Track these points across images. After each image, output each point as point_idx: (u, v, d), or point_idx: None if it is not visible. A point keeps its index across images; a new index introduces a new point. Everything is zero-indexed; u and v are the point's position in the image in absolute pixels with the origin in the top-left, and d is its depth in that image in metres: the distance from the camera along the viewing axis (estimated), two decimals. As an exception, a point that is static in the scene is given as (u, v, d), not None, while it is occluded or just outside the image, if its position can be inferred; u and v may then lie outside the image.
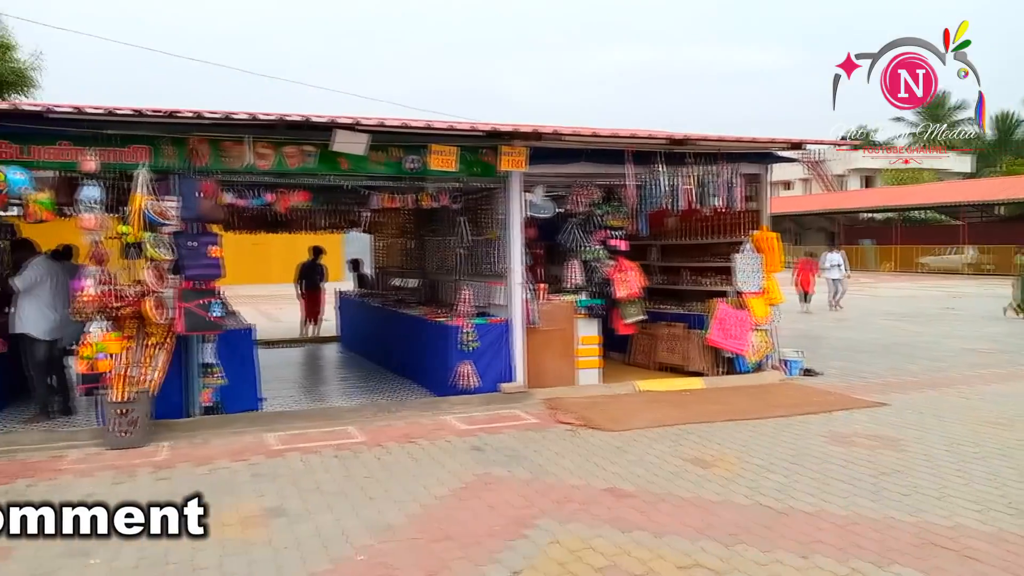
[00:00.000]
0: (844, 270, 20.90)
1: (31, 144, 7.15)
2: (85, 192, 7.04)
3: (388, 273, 14.50)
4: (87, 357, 6.95)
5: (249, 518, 5.21)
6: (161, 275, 7.27)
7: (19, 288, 7.86)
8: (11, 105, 6.90)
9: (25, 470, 6.38)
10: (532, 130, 8.65)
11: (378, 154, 8.36)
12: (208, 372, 7.88)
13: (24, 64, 16.99)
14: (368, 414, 8.26)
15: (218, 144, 7.73)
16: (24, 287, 7.86)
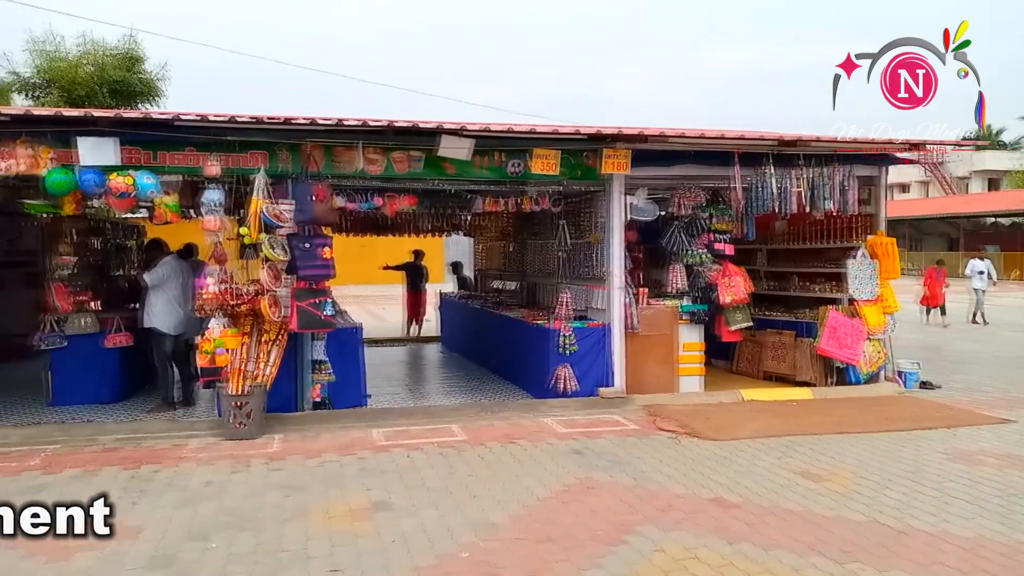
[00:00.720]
0: (989, 279, 18.72)
1: (159, 150, 7.60)
2: (208, 196, 7.44)
3: (488, 275, 14.68)
4: (207, 351, 7.34)
5: (357, 511, 5.37)
6: (276, 275, 7.59)
7: (149, 284, 8.39)
8: (142, 114, 7.38)
9: (151, 456, 6.79)
10: (637, 132, 8.56)
11: (482, 159, 8.46)
12: (318, 368, 8.18)
13: (152, 75, 18.16)
14: (470, 413, 8.37)
15: (331, 149, 8.02)
16: (153, 284, 8.39)
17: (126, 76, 17.35)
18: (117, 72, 17.18)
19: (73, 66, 16.91)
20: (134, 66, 17.82)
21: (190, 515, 5.29)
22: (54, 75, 16.84)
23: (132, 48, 17.96)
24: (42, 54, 17.01)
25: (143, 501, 5.58)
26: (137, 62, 17.99)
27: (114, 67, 17.24)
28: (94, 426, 7.74)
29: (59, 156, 7.16)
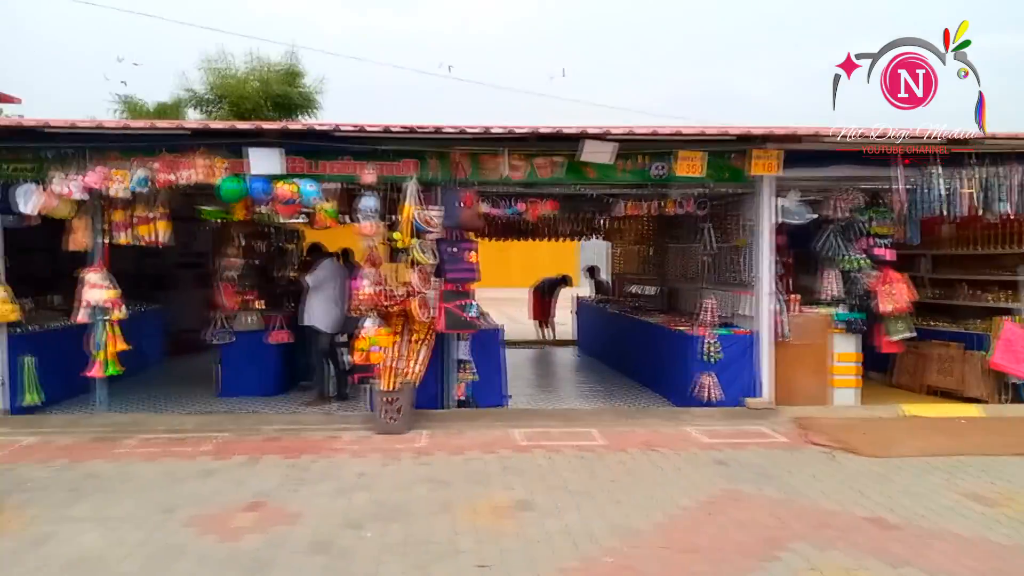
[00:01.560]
0: None
1: (320, 160, 8.07)
2: (364, 202, 7.83)
3: (626, 279, 14.55)
4: (362, 349, 7.72)
5: (500, 508, 5.48)
6: (425, 278, 7.88)
7: (310, 285, 8.93)
8: (305, 126, 7.86)
9: (308, 447, 7.21)
10: (789, 132, 8.23)
11: (624, 162, 8.42)
12: (462, 368, 8.41)
13: (310, 89, 19.32)
14: (608, 418, 8.34)
15: (477, 157, 8.23)
16: (314, 285, 8.93)
17: (287, 90, 18.57)
18: (280, 87, 18.42)
19: (241, 82, 18.29)
20: (295, 81, 19.02)
21: (345, 504, 5.57)
22: (224, 91, 18.28)
23: (293, 64, 19.21)
24: (214, 72, 18.51)
25: (302, 489, 5.94)
26: (297, 77, 19.18)
27: (277, 82, 18.49)
28: (258, 416, 8.32)
29: (232, 166, 7.77)
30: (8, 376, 8.22)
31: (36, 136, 7.78)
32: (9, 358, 8.22)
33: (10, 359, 8.23)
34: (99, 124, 7.64)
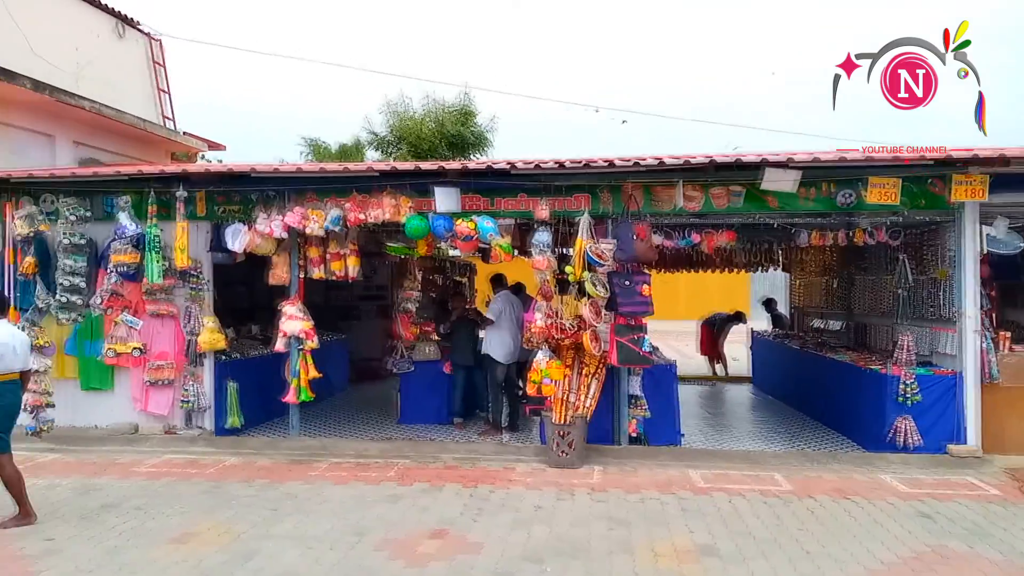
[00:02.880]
0: None
1: (496, 196, 8.32)
2: (538, 237, 7.96)
3: (807, 313, 13.79)
4: (535, 381, 7.80)
5: (682, 552, 5.29)
6: (598, 311, 7.86)
7: (491, 317, 9.15)
8: (485, 166, 8.11)
9: (484, 476, 7.34)
10: (994, 154, 7.53)
11: (807, 190, 8.03)
12: (634, 403, 8.28)
13: (482, 128, 20.11)
14: (793, 462, 7.87)
15: (650, 188, 8.16)
16: (493, 317, 9.16)
17: (461, 130, 19.44)
18: (454, 126, 19.33)
19: (418, 123, 19.36)
20: (468, 120, 19.88)
21: (524, 536, 5.60)
22: (403, 132, 19.42)
23: (466, 104, 20.10)
24: (394, 115, 19.75)
25: (482, 519, 6.04)
26: (470, 116, 20.03)
27: (451, 122, 19.41)
28: (437, 445, 8.60)
29: (416, 204, 8.17)
30: (215, 400, 9.02)
31: (243, 180, 8.58)
32: (216, 383, 9.02)
33: (217, 384, 9.03)
34: (298, 168, 8.31)
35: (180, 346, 8.89)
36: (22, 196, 8.84)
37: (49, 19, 11.38)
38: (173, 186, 8.49)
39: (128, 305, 8.78)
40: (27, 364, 6.20)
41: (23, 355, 6.10)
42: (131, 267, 8.51)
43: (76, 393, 9.08)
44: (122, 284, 8.61)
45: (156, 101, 13.76)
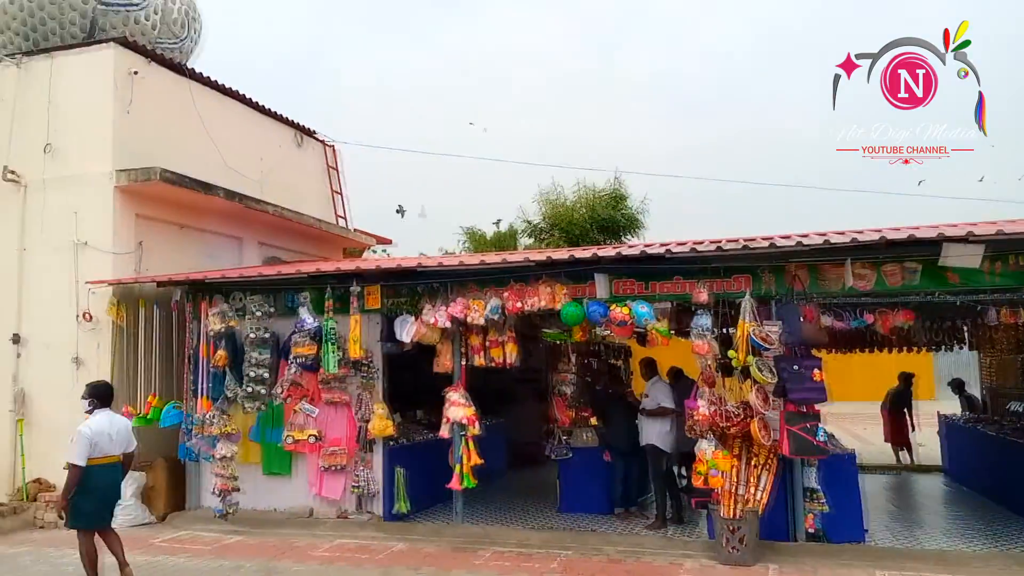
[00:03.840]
0: None
1: (651, 280, 8.27)
2: (697, 321, 7.80)
3: (1002, 395, 12.49)
4: (701, 472, 7.51)
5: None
6: (765, 397, 7.52)
7: (653, 406, 8.96)
8: (639, 251, 8.12)
9: (651, 572, 7.08)
10: None
11: (993, 263, 7.41)
12: (811, 497, 7.75)
13: (633, 210, 20.26)
14: (997, 564, 7.03)
15: (816, 268, 7.82)
16: (650, 406, 8.99)
17: (612, 214, 19.69)
18: (605, 211, 19.63)
19: (570, 210, 19.84)
20: (619, 204, 20.12)
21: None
22: (556, 220, 19.94)
23: (617, 188, 20.40)
24: (547, 202, 20.35)
25: (650, 619, 5.79)
26: (621, 200, 20.28)
27: (602, 207, 19.74)
28: (599, 536, 8.40)
29: (571, 291, 8.28)
30: (384, 485, 9.32)
31: (410, 274, 9.06)
32: (385, 469, 9.35)
33: (386, 469, 9.36)
34: (460, 262, 8.71)
35: (352, 432, 9.34)
36: (215, 295, 9.78)
37: (239, 135, 12.79)
38: (348, 282, 9.11)
39: (306, 394, 9.36)
40: (127, 448, 7.03)
41: (121, 441, 6.94)
42: (310, 358, 9.12)
43: (259, 477, 9.70)
44: (301, 374, 9.23)
45: (331, 202, 14.97)
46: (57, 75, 10.94)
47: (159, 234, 10.99)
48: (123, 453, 6.97)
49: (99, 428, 6.78)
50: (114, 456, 6.86)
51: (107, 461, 6.79)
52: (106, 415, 6.96)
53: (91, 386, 7.24)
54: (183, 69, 11.87)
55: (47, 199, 10.67)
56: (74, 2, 11.58)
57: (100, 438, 6.73)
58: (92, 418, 6.89)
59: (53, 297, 10.40)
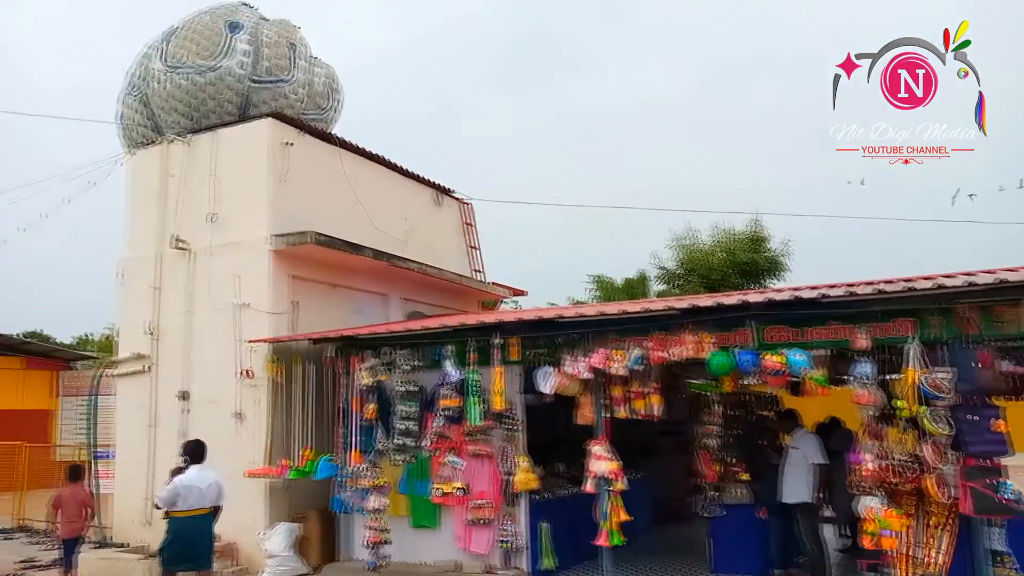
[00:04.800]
0: None
1: (804, 327, 7.88)
2: (859, 369, 7.34)
3: None
4: (871, 532, 6.96)
5: None
6: (940, 451, 6.94)
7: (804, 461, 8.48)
8: (792, 296, 7.78)
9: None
10: None
11: None
12: (999, 561, 7.02)
13: (775, 253, 19.55)
14: None
15: (988, 309, 7.22)
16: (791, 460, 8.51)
17: (753, 257, 19.08)
18: (744, 254, 19.06)
19: (707, 254, 19.40)
20: (759, 246, 19.50)
21: None
22: (692, 265, 19.55)
23: (757, 230, 19.79)
24: (682, 248, 20.01)
25: None
26: (762, 242, 19.64)
27: (742, 250, 19.18)
28: (760, 599, 7.92)
29: (719, 340, 8.02)
30: (529, 540, 9.23)
31: (550, 325, 9.07)
32: (530, 523, 9.27)
33: (531, 524, 9.27)
34: (600, 312, 8.65)
35: (497, 485, 9.34)
36: (365, 350, 10.15)
37: (383, 197, 13.41)
38: (489, 334, 9.23)
39: (453, 446, 9.48)
40: (216, 501, 7.84)
41: (211, 495, 7.77)
42: (455, 410, 9.26)
43: (407, 530, 9.85)
44: (448, 426, 9.37)
45: (467, 256, 15.36)
46: (219, 149, 11.91)
47: (311, 293, 11.61)
48: (212, 506, 7.81)
49: (189, 482, 7.65)
50: (203, 509, 7.71)
51: (195, 513, 7.66)
52: (197, 471, 7.79)
53: (186, 444, 8.19)
54: (331, 138, 12.64)
55: (212, 264, 11.53)
56: (229, 82, 12.56)
57: (189, 492, 7.59)
58: (185, 473, 7.78)
59: (217, 356, 11.14)
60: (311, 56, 13.57)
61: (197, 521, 7.70)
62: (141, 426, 11.63)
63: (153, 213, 12.15)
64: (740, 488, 9.42)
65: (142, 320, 11.91)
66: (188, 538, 7.66)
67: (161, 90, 12.71)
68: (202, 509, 7.69)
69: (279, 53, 12.92)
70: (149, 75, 12.86)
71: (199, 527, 7.73)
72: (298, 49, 13.23)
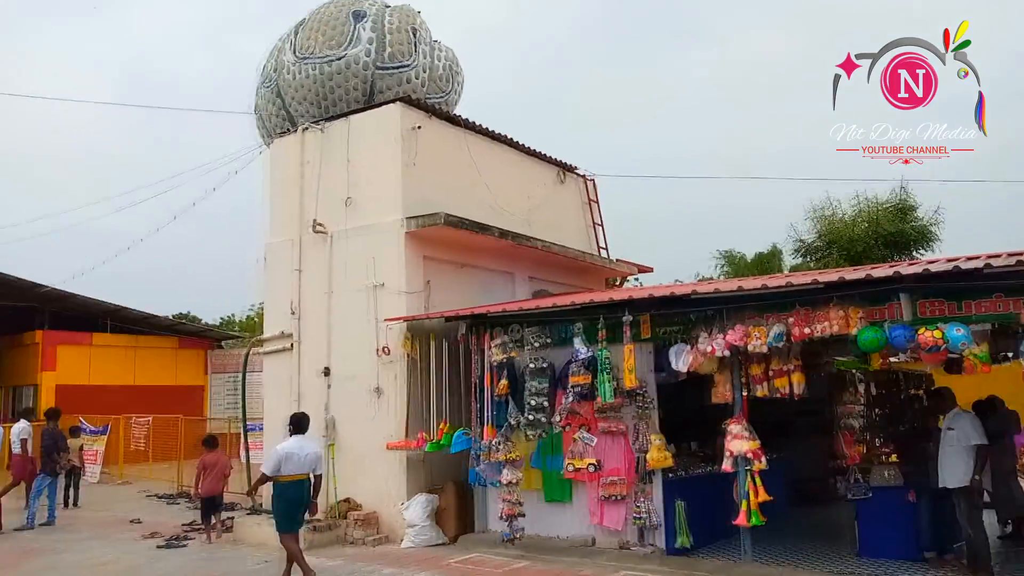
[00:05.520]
0: None
1: (964, 299, 7.35)
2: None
3: None
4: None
5: None
6: None
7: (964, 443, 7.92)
8: (952, 266, 7.25)
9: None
10: None
11: None
12: None
13: (924, 221, 18.29)
14: None
15: None
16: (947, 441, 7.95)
17: (900, 227, 17.92)
18: (890, 224, 17.93)
19: (849, 225, 18.40)
20: (906, 216, 18.32)
21: None
22: (832, 237, 18.59)
23: (903, 198, 18.54)
24: (821, 219, 19.06)
25: None
26: (909, 211, 18.43)
27: (887, 220, 18.05)
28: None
29: (867, 314, 7.60)
30: (664, 518, 9.13)
31: (682, 302, 8.87)
32: (665, 501, 9.16)
33: (666, 502, 9.16)
34: (739, 287, 8.36)
35: (630, 463, 9.28)
36: (496, 327, 10.29)
37: (507, 176, 13.49)
38: (619, 312, 9.13)
39: (584, 422, 9.49)
40: (315, 470, 8.41)
41: (309, 462, 8.31)
42: (585, 387, 9.25)
43: (540, 504, 9.96)
44: (578, 403, 9.38)
45: (590, 234, 15.25)
46: (351, 135, 12.30)
47: (442, 273, 11.86)
48: (313, 474, 8.38)
49: (290, 450, 8.23)
50: (302, 475, 8.29)
51: (295, 479, 8.25)
52: (298, 440, 8.40)
53: (291, 416, 8.85)
54: (456, 119, 12.81)
55: (348, 247, 11.98)
56: (355, 69, 12.89)
57: (288, 459, 8.16)
58: (287, 441, 8.41)
59: (355, 334, 11.59)
60: (432, 40, 13.75)
61: (297, 485, 8.30)
62: (287, 400, 12.27)
63: (292, 199, 12.72)
64: (888, 470, 8.94)
65: (285, 300, 12.54)
66: (291, 500, 8.29)
67: (292, 80, 13.24)
68: (302, 475, 8.30)
69: (401, 39, 13.16)
70: (281, 67, 13.43)
71: (300, 491, 8.33)
72: (419, 34, 13.43)
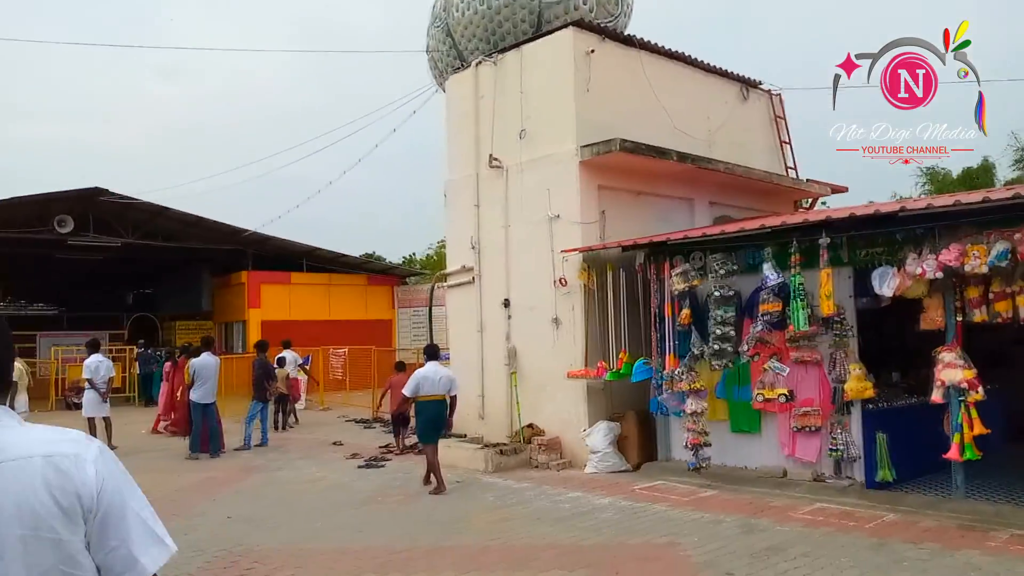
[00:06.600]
0: None
1: None
2: None
3: None
4: None
5: None
6: None
7: None
8: None
9: None
10: None
11: None
12: None
13: None
14: None
15: None
16: None
17: None
18: None
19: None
20: None
21: None
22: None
23: None
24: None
25: None
26: None
27: None
28: None
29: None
30: (864, 450, 8.63)
31: (886, 221, 8.14)
32: (864, 434, 8.64)
33: (866, 435, 8.64)
34: (956, 201, 7.51)
35: (826, 394, 8.81)
36: (676, 256, 10.00)
37: (685, 96, 12.88)
38: (814, 234, 8.53)
39: (775, 351, 9.08)
40: (450, 391, 9.52)
41: (443, 385, 9.46)
42: (775, 315, 8.80)
43: (726, 435, 9.73)
44: (769, 332, 8.96)
45: (777, 153, 14.34)
46: (524, 66, 12.19)
47: (618, 202, 11.65)
48: (448, 395, 9.47)
49: (424, 375, 9.44)
50: (438, 395, 9.43)
51: (431, 398, 9.43)
52: (432, 366, 9.61)
53: (425, 346, 10.54)
54: (630, 39, 12.32)
55: (523, 179, 12.03)
56: (523, 1, 12.69)
57: (424, 382, 9.38)
58: (424, 367, 9.60)
59: (533, 266, 11.72)
60: (599, -37, 13.22)
61: (435, 404, 9.46)
62: (470, 331, 12.72)
63: (469, 135, 12.89)
64: None
65: (466, 236, 12.88)
66: (430, 416, 9.49)
67: (461, 18, 13.29)
68: (437, 395, 9.44)
69: (568, -35, 12.76)
70: (450, 5, 13.50)
71: (437, 409, 9.47)
72: (586, -41, 12.96)
